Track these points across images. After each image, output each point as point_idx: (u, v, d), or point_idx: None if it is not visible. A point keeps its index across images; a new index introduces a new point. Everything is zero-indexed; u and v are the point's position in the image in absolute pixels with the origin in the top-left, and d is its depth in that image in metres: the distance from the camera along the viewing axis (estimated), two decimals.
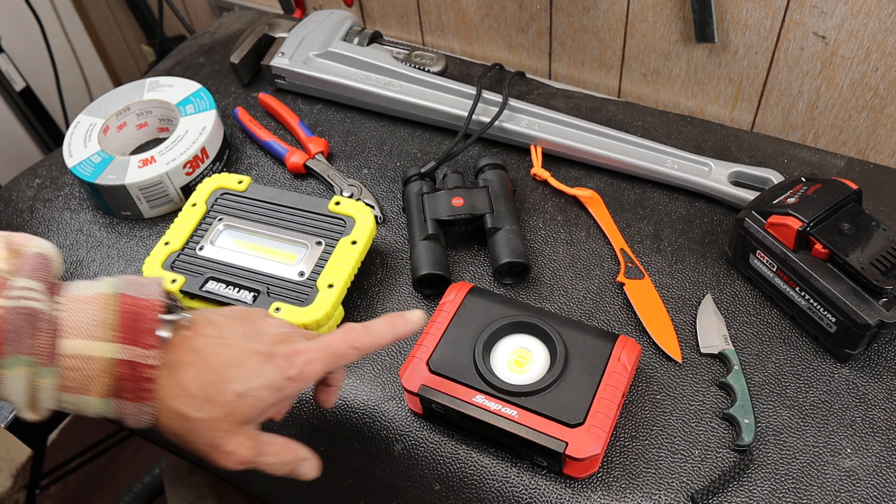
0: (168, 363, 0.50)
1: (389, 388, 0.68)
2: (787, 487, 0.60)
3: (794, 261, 0.66)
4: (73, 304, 0.48)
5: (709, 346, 0.68)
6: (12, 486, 1.58)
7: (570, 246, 0.77)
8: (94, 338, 0.47)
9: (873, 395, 0.64)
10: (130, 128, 0.90)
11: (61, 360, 0.47)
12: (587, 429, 0.58)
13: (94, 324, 0.48)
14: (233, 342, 0.52)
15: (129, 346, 0.48)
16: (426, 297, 0.74)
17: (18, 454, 1.62)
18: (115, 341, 0.48)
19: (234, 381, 0.50)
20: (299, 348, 0.53)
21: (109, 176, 0.80)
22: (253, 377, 0.50)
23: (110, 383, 0.48)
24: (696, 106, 0.99)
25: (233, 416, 0.50)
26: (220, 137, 0.87)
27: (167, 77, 0.91)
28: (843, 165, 0.82)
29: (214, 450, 0.50)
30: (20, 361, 0.46)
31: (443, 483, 0.64)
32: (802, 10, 0.83)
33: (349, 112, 0.94)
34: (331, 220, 0.75)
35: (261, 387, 0.50)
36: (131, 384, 0.48)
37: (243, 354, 0.51)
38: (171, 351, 0.50)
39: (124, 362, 0.48)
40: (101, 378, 0.48)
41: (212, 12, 1.43)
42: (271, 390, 0.51)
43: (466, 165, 0.86)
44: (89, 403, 0.48)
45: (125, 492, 1.41)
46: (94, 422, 1.58)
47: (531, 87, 0.95)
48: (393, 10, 1.14)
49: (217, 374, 0.50)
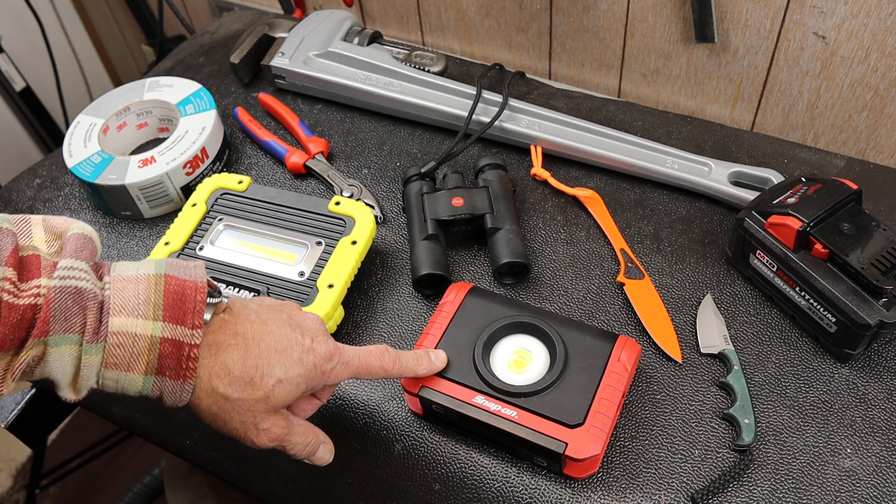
0: (210, 344, 0.51)
1: (389, 388, 0.68)
2: (787, 487, 0.60)
3: (794, 261, 0.66)
4: (119, 283, 0.49)
5: (709, 346, 0.68)
6: (12, 486, 1.58)
7: (570, 246, 0.77)
8: (141, 316, 0.48)
9: (873, 395, 0.64)
10: (130, 128, 0.90)
11: (108, 338, 0.47)
12: (587, 429, 0.58)
13: (140, 303, 0.49)
14: (275, 329, 0.53)
15: (174, 324, 0.49)
16: (426, 297, 0.74)
17: (18, 454, 1.62)
18: (162, 320, 0.49)
19: (277, 366, 0.52)
20: (340, 347, 0.56)
21: (109, 176, 0.80)
22: (294, 365, 0.53)
23: (154, 361, 0.49)
24: (696, 106, 0.99)
25: (269, 399, 0.52)
26: (220, 137, 0.87)
27: (167, 77, 0.91)
28: (843, 165, 0.82)
29: (251, 427, 0.52)
30: (67, 340, 0.47)
31: (443, 483, 0.64)
32: (802, 10, 0.83)
33: (349, 112, 0.94)
34: (331, 220, 0.75)
35: (299, 375, 0.53)
36: (174, 362, 0.49)
37: (287, 342, 0.53)
38: (212, 332, 0.52)
39: (169, 341, 0.49)
40: (145, 355, 0.48)
41: (212, 12, 1.43)
42: (307, 381, 0.54)
43: (466, 165, 0.86)
44: (131, 381, 0.49)
45: (125, 492, 1.41)
46: (94, 422, 1.58)
47: (531, 87, 0.95)
48: (393, 10, 1.14)
49: (261, 358, 0.52)
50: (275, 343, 0.53)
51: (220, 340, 0.52)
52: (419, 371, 0.61)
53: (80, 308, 0.47)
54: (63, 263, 0.48)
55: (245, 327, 0.53)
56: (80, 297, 0.47)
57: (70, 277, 0.47)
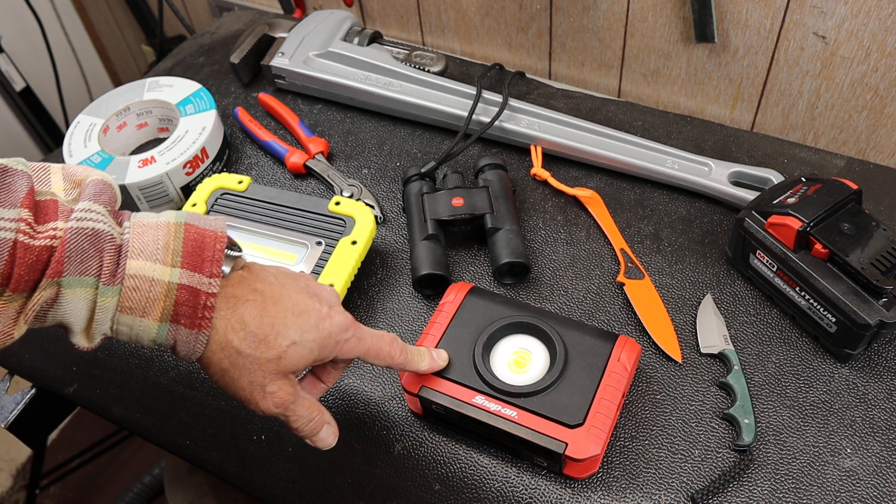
0: (227, 297, 0.50)
1: (389, 388, 0.68)
2: (787, 487, 0.60)
3: (794, 261, 0.66)
4: (138, 228, 0.49)
5: (709, 346, 0.68)
6: (12, 486, 1.58)
7: (570, 246, 0.77)
8: (159, 261, 0.48)
9: (873, 395, 0.64)
10: (130, 128, 0.90)
11: (125, 280, 0.47)
12: (587, 429, 0.58)
13: (159, 248, 0.48)
14: (293, 294, 0.53)
15: (192, 272, 0.48)
16: (426, 297, 0.74)
17: (18, 454, 1.62)
18: (180, 266, 0.48)
19: (293, 328, 0.52)
20: (356, 322, 0.56)
21: (109, 176, 0.80)
22: (310, 329, 0.52)
23: (170, 308, 0.48)
24: (696, 106, 0.99)
25: (281, 361, 0.51)
26: (220, 137, 0.87)
27: (167, 77, 0.91)
28: (843, 165, 0.82)
29: (258, 388, 0.51)
30: (83, 283, 0.46)
31: (443, 483, 0.64)
32: (802, 10, 0.83)
33: (349, 112, 0.94)
34: (331, 220, 0.75)
35: (314, 340, 0.52)
36: (190, 310, 0.48)
37: (305, 306, 0.53)
38: (231, 286, 0.51)
39: (186, 288, 0.48)
40: (162, 301, 0.48)
41: (212, 12, 1.43)
42: (321, 347, 0.53)
43: (466, 165, 0.86)
44: (146, 327, 0.48)
45: (125, 492, 1.41)
46: (94, 422, 1.59)
47: (531, 87, 0.95)
48: (393, 10, 1.14)
49: (277, 318, 0.51)
50: (292, 305, 0.52)
51: (238, 294, 0.51)
52: (421, 367, 0.61)
53: (97, 250, 0.46)
54: (81, 206, 0.47)
55: (264, 286, 0.52)
56: (97, 239, 0.46)
57: (87, 219, 0.47)
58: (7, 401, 0.83)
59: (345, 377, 0.69)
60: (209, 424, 0.72)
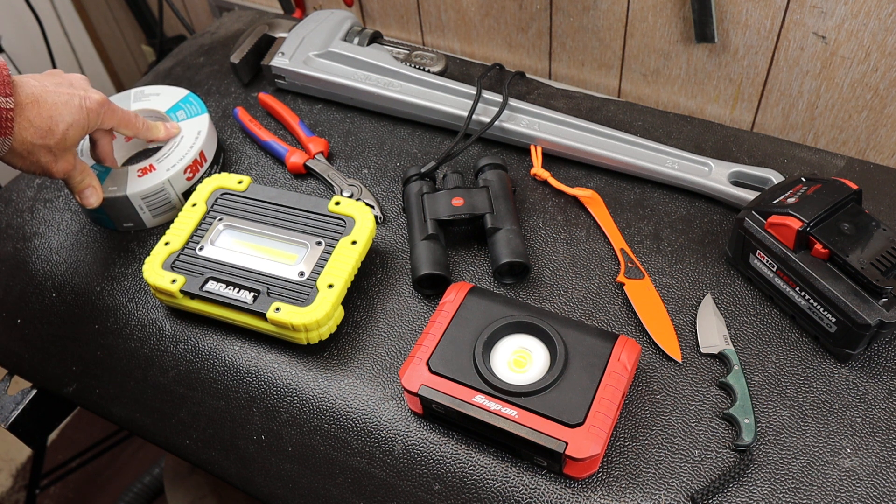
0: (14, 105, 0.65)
1: (389, 388, 0.68)
2: (787, 487, 0.60)
3: (794, 261, 0.66)
4: None
5: (709, 346, 0.68)
6: (12, 486, 1.58)
7: (570, 246, 0.77)
8: None
9: (873, 395, 0.64)
10: (119, 139, 0.87)
11: None
12: (587, 429, 0.58)
13: None
14: (54, 89, 0.68)
15: None
16: (426, 297, 0.74)
17: (18, 454, 1.62)
18: None
19: (66, 115, 0.68)
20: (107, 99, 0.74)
21: (110, 188, 0.79)
22: (76, 111, 0.69)
23: None
24: (696, 106, 0.99)
25: (65, 141, 0.69)
26: (215, 140, 0.87)
27: (152, 86, 0.90)
28: (843, 165, 0.82)
29: (51, 161, 0.69)
30: None
31: (443, 483, 0.64)
32: (802, 10, 0.83)
33: (349, 112, 0.94)
34: (331, 220, 0.75)
35: (83, 118, 0.70)
36: None
37: (67, 96, 0.69)
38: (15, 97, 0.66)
39: None
40: None
41: (212, 12, 1.43)
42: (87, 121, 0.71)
43: (466, 165, 0.86)
44: None
45: (125, 492, 1.41)
46: (94, 422, 1.59)
47: (531, 87, 0.95)
48: (393, 10, 1.14)
49: (53, 111, 0.67)
50: (57, 98, 0.68)
51: (21, 102, 0.65)
52: (160, 135, 0.82)
53: None
54: None
55: (35, 90, 0.67)
56: None
57: None
58: (7, 401, 0.83)
59: (345, 377, 0.69)
60: (209, 424, 0.72)
